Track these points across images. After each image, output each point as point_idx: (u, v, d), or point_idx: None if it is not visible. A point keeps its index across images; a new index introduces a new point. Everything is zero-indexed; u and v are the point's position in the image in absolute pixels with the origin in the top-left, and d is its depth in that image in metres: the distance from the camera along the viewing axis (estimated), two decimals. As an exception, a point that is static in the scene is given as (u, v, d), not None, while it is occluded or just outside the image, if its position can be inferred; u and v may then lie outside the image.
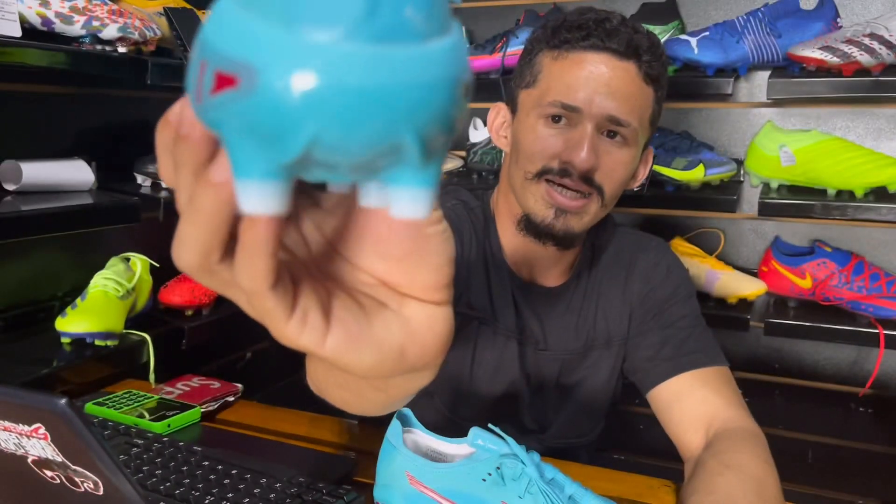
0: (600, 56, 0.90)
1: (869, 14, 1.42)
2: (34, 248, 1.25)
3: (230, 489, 0.79)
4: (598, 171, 0.91)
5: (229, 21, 0.22)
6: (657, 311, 1.02)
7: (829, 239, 1.50)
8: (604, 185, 0.92)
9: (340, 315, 0.29)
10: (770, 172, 1.41)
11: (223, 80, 0.22)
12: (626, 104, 0.90)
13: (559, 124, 0.92)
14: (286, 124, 0.22)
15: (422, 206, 0.26)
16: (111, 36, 1.11)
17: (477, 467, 0.72)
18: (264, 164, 0.23)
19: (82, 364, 1.14)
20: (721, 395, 0.93)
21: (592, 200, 0.93)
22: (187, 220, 0.26)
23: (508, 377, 1.02)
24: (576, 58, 0.91)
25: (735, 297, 1.46)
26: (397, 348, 0.29)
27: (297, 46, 0.21)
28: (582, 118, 0.90)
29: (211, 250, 0.26)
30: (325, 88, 0.21)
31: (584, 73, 0.90)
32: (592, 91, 0.90)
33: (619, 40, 0.89)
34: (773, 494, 0.79)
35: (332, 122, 0.22)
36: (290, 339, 0.27)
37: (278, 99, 0.21)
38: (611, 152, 0.92)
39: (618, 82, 0.90)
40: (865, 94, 1.31)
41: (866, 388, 1.45)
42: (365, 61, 0.21)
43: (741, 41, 1.38)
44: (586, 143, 0.90)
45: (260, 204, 0.24)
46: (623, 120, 0.90)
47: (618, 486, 0.88)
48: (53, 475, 0.55)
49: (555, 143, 0.92)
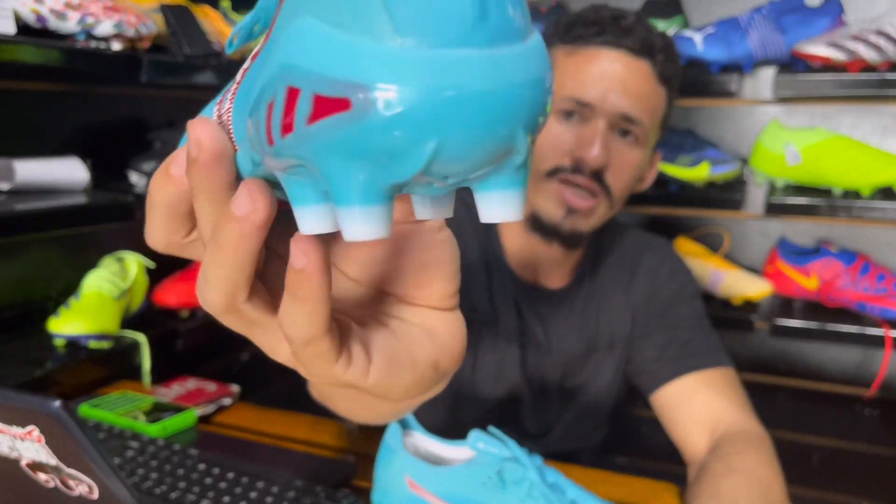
0: (615, 53, 0.89)
1: (875, 11, 1.41)
2: (27, 248, 1.24)
3: (226, 493, 0.78)
4: (608, 169, 0.91)
5: (324, 42, 0.21)
6: (661, 311, 1.01)
7: (835, 239, 1.49)
8: (613, 186, 0.92)
9: (376, 343, 0.28)
10: (775, 171, 1.40)
11: (327, 106, 0.21)
12: (640, 103, 0.90)
13: (571, 120, 0.91)
14: (408, 141, 0.21)
15: (516, 208, 0.25)
16: (106, 32, 1.09)
17: (477, 471, 0.71)
18: (373, 187, 0.22)
19: (76, 365, 1.13)
20: (726, 396, 0.92)
21: (601, 202, 0.92)
22: (211, 259, 0.25)
23: (510, 381, 1.00)
24: (589, 54, 0.90)
25: (740, 298, 1.45)
26: (431, 362, 0.29)
27: (413, 59, 0.20)
28: (595, 114, 0.90)
29: (238, 289, 0.25)
30: (449, 98, 0.20)
31: (598, 70, 0.90)
32: (606, 88, 0.89)
33: (634, 38, 0.89)
34: (778, 497, 0.78)
35: (455, 132, 0.21)
36: (336, 377, 0.26)
37: (400, 116, 0.20)
38: (622, 151, 0.91)
39: (632, 80, 0.89)
40: (871, 91, 1.30)
41: (873, 389, 1.44)
42: (483, 65, 0.21)
43: (746, 38, 1.37)
44: (598, 139, 0.89)
45: (367, 230, 0.22)
46: (636, 118, 0.90)
47: (621, 490, 0.86)
48: (47, 478, 0.55)
49: (567, 138, 0.91)
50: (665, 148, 1.47)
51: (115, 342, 1.18)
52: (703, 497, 0.76)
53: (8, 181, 1.10)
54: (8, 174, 1.10)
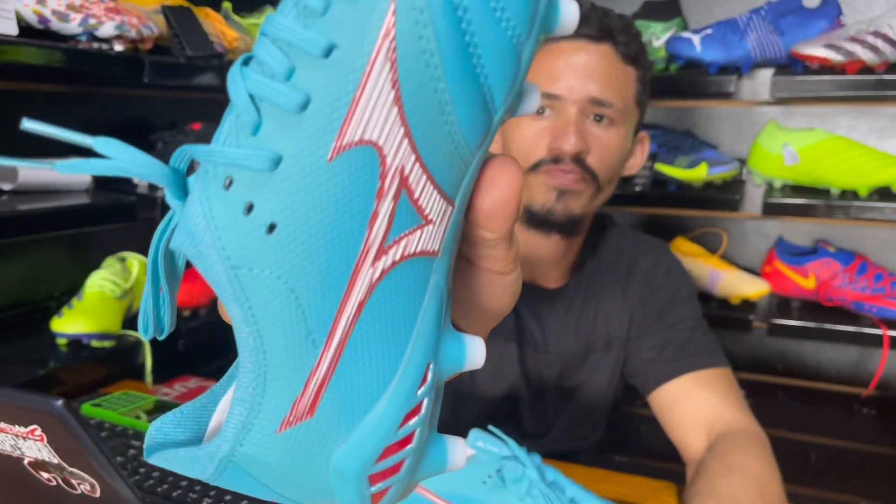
0: (575, 43, 0.92)
1: (872, 12, 1.41)
2: (30, 248, 1.24)
3: (227, 491, 0.78)
4: (589, 155, 0.93)
5: None
6: (658, 313, 1.01)
7: (833, 239, 1.49)
8: (597, 170, 0.93)
9: None
10: (773, 171, 1.41)
11: None
12: (608, 85, 0.92)
13: (544, 115, 0.93)
14: None
15: None
16: (108, 34, 1.10)
17: (477, 469, 0.72)
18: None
19: (79, 365, 1.13)
20: (723, 396, 0.92)
21: (587, 182, 0.94)
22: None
23: (509, 379, 1.01)
24: (551, 49, 0.93)
25: (738, 298, 1.45)
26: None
27: None
28: (565, 105, 0.92)
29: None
30: None
31: (562, 62, 0.92)
32: (571, 77, 0.91)
33: (590, 25, 0.92)
34: (775, 496, 0.79)
35: None
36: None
37: None
38: (598, 136, 0.93)
39: (595, 65, 0.92)
40: (869, 92, 1.30)
41: (870, 389, 1.44)
42: None
43: (744, 39, 1.37)
44: (571, 128, 0.91)
45: None
46: (605, 101, 0.92)
47: (619, 489, 0.87)
48: (50, 477, 0.55)
49: (543, 134, 0.93)
50: (663, 149, 1.47)
51: (117, 342, 1.19)
52: (701, 495, 0.77)
53: (10, 182, 1.10)
54: (11, 175, 1.10)
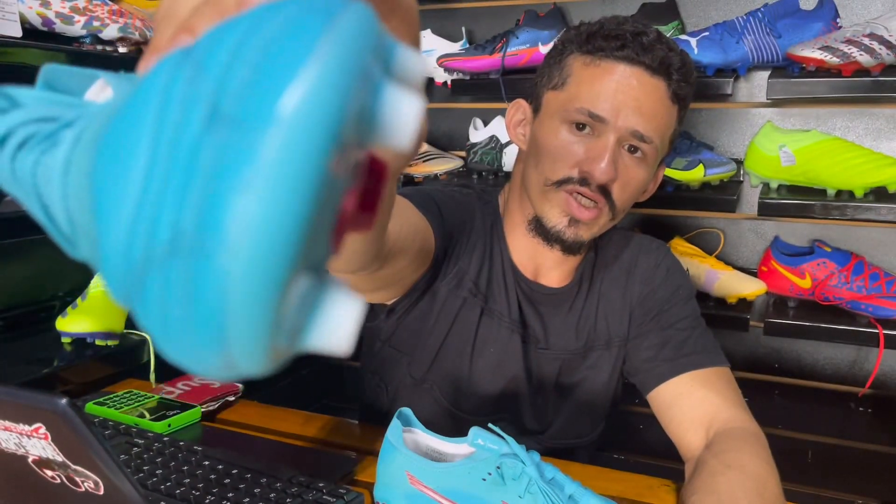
0: (632, 69, 0.90)
1: (869, 14, 1.42)
2: (35, 248, 1.25)
3: (230, 489, 0.79)
4: (615, 183, 0.92)
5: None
6: (657, 312, 1.02)
7: (829, 239, 1.50)
8: (617, 199, 0.94)
9: None
10: (770, 172, 1.41)
11: None
12: (652, 121, 0.91)
13: (583, 132, 0.92)
14: None
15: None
16: (112, 36, 1.11)
17: (477, 467, 0.72)
18: None
19: (83, 364, 1.14)
20: (721, 395, 0.93)
21: (604, 213, 0.94)
22: None
23: (511, 372, 1.02)
24: (608, 67, 0.91)
25: (735, 297, 1.46)
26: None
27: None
28: (606, 129, 0.91)
29: None
30: None
31: (614, 85, 0.90)
32: (620, 103, 0.90)
33: (653, 56, 0.90)
34: (773, 494, 0.79)
35: None
36: None
37: None
38: (629, 167, 0.93)
39: (646, 98, 0.90)
40: (865, 94, 1.31)
41: (866, 387, 1.45)
42: None
43: (741, 41, 1.38)
44: (608, 155, 0.90)
45: None
46: (647, 136, 0.91)
47: (618, 486, 0.88)
48: (54, 475, 0.55)
49: (577, 150, 0.92)
50: (662, 149, 1.47)
51: (121, 341, 1.20)
52: (699, 493, 0.77)
53: (15, 182, 1.11)
54: (15, 176, 1.11)
